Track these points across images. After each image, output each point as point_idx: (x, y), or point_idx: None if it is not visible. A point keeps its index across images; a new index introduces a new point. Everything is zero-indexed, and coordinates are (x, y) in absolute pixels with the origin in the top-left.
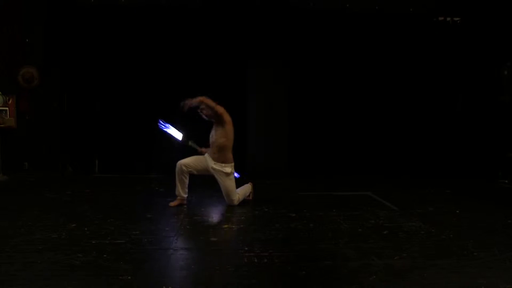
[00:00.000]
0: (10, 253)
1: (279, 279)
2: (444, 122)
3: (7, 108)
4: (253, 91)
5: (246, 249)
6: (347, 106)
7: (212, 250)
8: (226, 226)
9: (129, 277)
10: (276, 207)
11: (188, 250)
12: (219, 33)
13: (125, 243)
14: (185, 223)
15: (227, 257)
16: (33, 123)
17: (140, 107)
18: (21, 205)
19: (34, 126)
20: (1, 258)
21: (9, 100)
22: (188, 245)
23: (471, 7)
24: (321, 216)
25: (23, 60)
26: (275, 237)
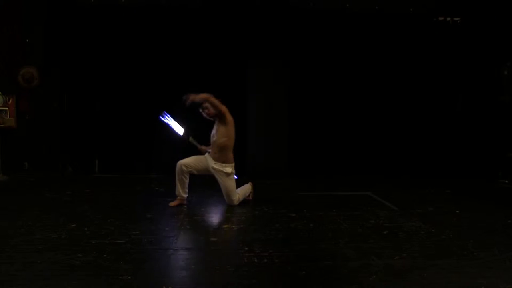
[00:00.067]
0: (10, 253)
1: (279, 279)
2: (444, 122)
3: (7, 108)
4: (253, 91)
5: (246, 249)
6: (347, 106)
7: (212, 250)
8: (226, 226)
9: (129, 277)
10: (276, 207)
11: (188, 250)
12: (219, 33)
13: (125, 243)
14: (185, 223)
15: (227, 257)
16: (33, 123)
17: (140, 107)
18: (21, 205)
19: (34, 126)
20: (1, 258)
21: (9, 100)
22: (188, 245)
23: (471, 7)
24: (321, 216)
25: (23, 60)
26: (275, 237)
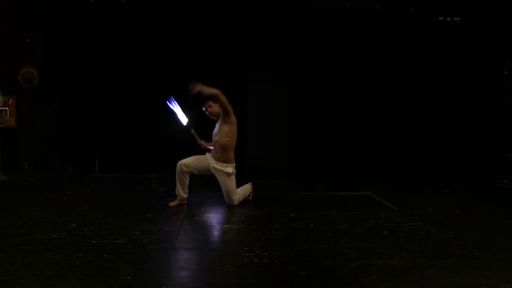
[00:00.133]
0: (10, 253)
1: (279, 279)
2: (444, 122)
3: (7, 108)
4: (253, 91)
5: (246, 249)
6: (347, 106)
7: (212, 250)
8: (226, 226)
9: (129, 277)
10: (276, 207)
11: (188, 250)
12: (219, 33)
13: (125, 243)
14: (185, 223)
15: (227, 257)
16: (33, 123)
17: (140, 107)
18: (21, 205)
19: (34, 126)
20: (1, 258)
21: (9, 100)
22: (188, 245)
23: (471, 7)
24: (321, 216)
25: (23, 60)
26: (275, 237)
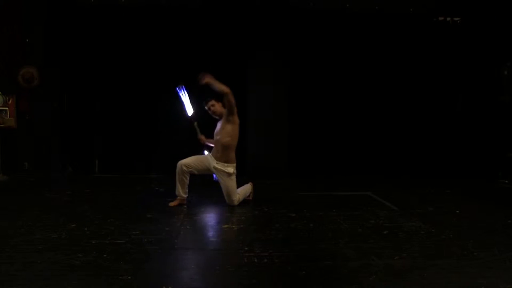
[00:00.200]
0: (10, 253)
1: (279, 279)
2: (444, 122)
3: (7, 108)
4: (253, 91)
5: (246, 249)
6: (347, 106)
7: (212, 250)
8: (226, 226)
9: (129, 277)
10: (276, 207)
11: (188, 250)
12: (219, 33)
13: (125, 243)
14: (185, 223)
15: (227, 257)
16: (33, 123)
17: (140, 107)
18: (21, 205)
19: (34, 126)
20: (1, 258)
21: (9, 100)
22: (188, 245)
23: (471, 7)
24: (321, 216)
25: (23, 60)
26: (275, 237)
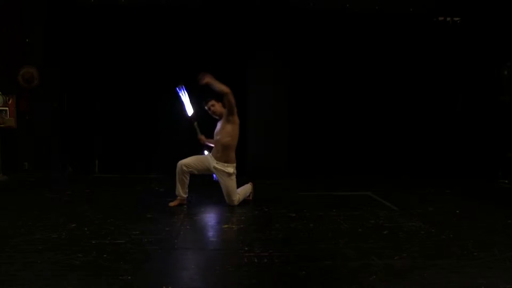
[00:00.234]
0: (10, 253)
1: (279, 279)
2: (444, 122)
3: (7, 108)
4: (253, 91)
5: (246, 249)
6: (347, 106)
7: (212, 250)
8: (226, 226)
9: (129, 277)
10: (276, 207)
11: (188, 250)
12: (219, 33)
13: (125, 243)
14: (185, 223)
15: (227, 257)
16: (33, 123)
17: (140, 107)
18: (21, 205)
19: (34, 126)
20: (1, 258)
21: (9, 100)
22: (188, 245)
23: (471, 7)
24: (321, 216)
25: (23, 60)
26: (275, 237)
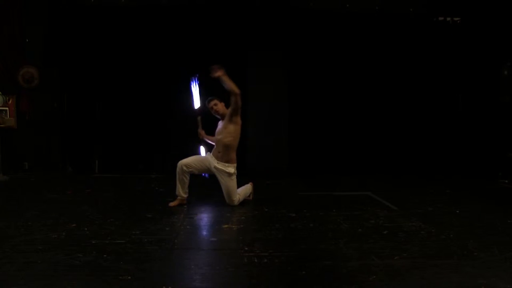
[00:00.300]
0: (10, 253)
1: (279, 279)
2: (444, 122)
3: (7, 108)
4: (254, 90)
5: (246, 249)
6: (347, 106)
7: (212, 250)
8: (226, 226)
9: (129, 277)
10: (276, 207)
11: (188, 250)
12: (219, 33)
13: (125, 243)
14: (185, 223)
15: (227, 257)
16: (33, 123)
17: (140, 107)
18: (21, 205)
19: (34, 126)
20: (1, 258)
21: (9, 100)
22: (188, 245)
23: (471, 7)
24: (321, 216)
25: (23, 60)
26: (275, 237)
